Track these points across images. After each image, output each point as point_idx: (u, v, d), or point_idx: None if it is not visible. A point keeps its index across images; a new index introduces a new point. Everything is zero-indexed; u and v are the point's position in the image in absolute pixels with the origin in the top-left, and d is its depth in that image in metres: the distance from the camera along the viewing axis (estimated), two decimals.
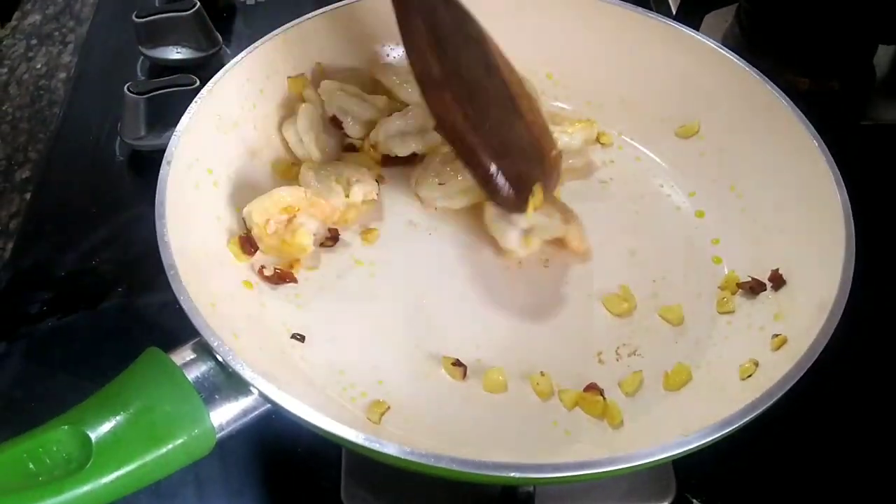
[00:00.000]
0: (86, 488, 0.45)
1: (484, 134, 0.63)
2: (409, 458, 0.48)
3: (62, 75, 0.98)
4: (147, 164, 0.84)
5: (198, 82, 0.83)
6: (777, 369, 0.54)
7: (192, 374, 0.51)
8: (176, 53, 0.94)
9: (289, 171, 0.73)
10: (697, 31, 0.75)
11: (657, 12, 0.77)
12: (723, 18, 0.98)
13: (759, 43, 0.92)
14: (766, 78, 0.70)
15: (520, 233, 0.67)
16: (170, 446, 0.48)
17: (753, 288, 0.65)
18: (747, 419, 0.50)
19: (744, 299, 0.66)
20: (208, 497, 0.64)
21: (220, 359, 0.51)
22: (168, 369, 0.50)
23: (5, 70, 0.99)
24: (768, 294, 0.64)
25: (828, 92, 0.91)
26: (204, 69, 0.90)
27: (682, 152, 0.75)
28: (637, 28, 0.76)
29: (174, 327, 0.54)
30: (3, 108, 0.94)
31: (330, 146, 0.74)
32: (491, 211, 0.68)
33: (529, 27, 0.79)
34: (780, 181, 0.68)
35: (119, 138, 0.87)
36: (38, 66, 0.99)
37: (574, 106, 0.80)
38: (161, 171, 0.61)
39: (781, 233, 0.66)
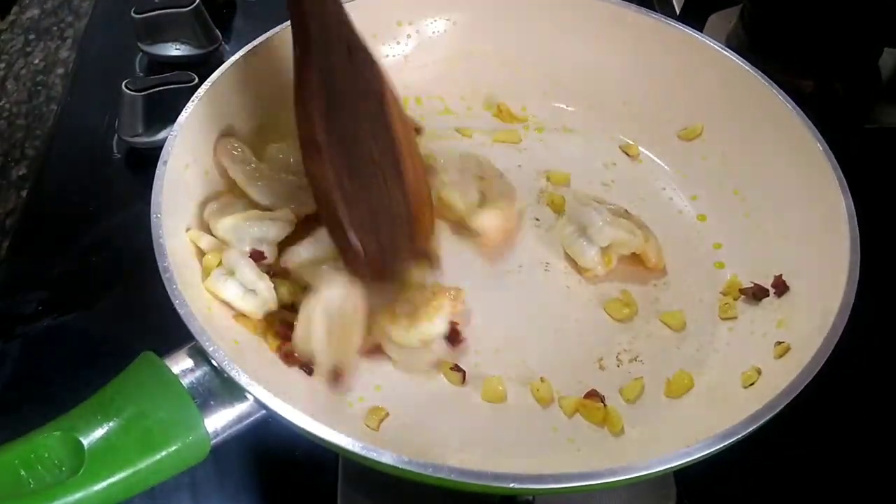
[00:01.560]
0: (78, 495, 0.45)
1: (356, 208, 0.59)
2: (405, 467, 0.47)
3: (60, 71, 0.97)
4: (145, 163, 0.83)
5: (196, 79, 0.83)
6: (780, 378, 0.53)
7: (187, 380, 0.50)
8: (175, 50, 0.93)
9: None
10: (701, 31, 0.74)
11: (660, 12, 0.76)
12: (727, 19, 0.97)
13: (762, 44, 0.91)
14: (771, 81, 0.69)
15: (598, 251, 0.66)
16: (163, 453, 0.47)
17: (756, 294, 0.64)
18: (750, 430, 0.49)
19: (746, 305, 0.65)
20: (203, 502, 0.63)
21: (215, 364, 0.50)
22: (162, 374, 0.49)
23: (2, 65, 0.98)
24: (771, 300, 0.63)
25: (832, 95, 0.90)
26: (203, 66, 0.89)
27: (684, 155, 0.74)
28: (640, 28, 0.75)
29: (171, 329, 0.53)
30: (0, 103, 0.93)
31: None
32: (568, 229, 0.67)
33: (530, 28, 0.78)
34: (783, 185, 0.67)
35: (117, 136, 0.86)
36: (36, 61, 0.98)
37: (576, 108, 0.79)
38: (157, 171, 0.60)
39: (785, 238, 0.66)
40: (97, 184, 0.85)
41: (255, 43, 0.70)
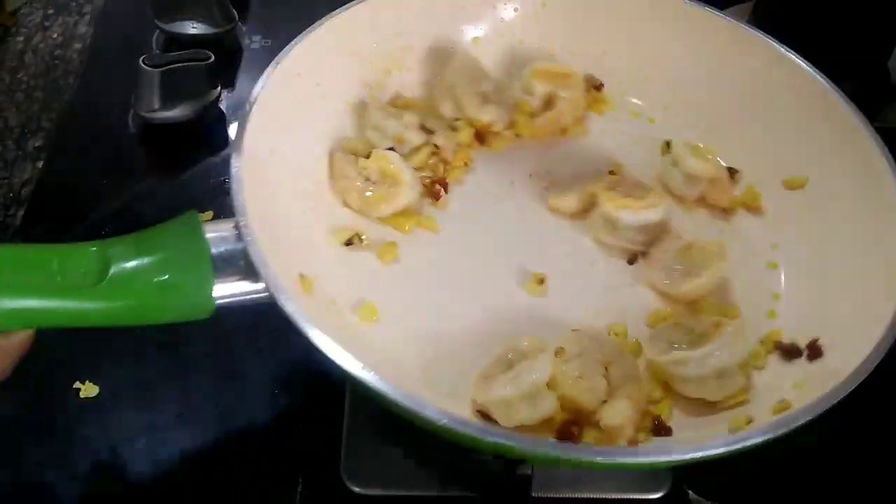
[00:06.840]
0: (94, 305, 0.48)
1: None
2: (402, 401, 0.45)
3: (78, 46, 0.98)
4: (160, 138, 0.84)
5: (212, 57, 0.84)
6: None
7: (217, 249, 0.51)
8: (192, 28, 0.95)
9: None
10: None
11: None
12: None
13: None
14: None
15: None
16: (171, 299, 0.51)
17: (789, 352, 0.61)
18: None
19: (776, 359, 0.61)
20: None
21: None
22: (197, 236, 0.52)
23: (21, 39, 0.99)
24: (801, 362, 0.59)
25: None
26: (219, 45, 0.91)
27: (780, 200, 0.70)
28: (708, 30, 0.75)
29: None
30: (19, 76, 0.94)
31: None
32: None
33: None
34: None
35: (132, 111, 0.87)
36: (55, 35, 0.99)
37: (646, 103, 0.77)
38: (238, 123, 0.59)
39: (839, 304, 0.61)
40: (112, 158, 0.85)
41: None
